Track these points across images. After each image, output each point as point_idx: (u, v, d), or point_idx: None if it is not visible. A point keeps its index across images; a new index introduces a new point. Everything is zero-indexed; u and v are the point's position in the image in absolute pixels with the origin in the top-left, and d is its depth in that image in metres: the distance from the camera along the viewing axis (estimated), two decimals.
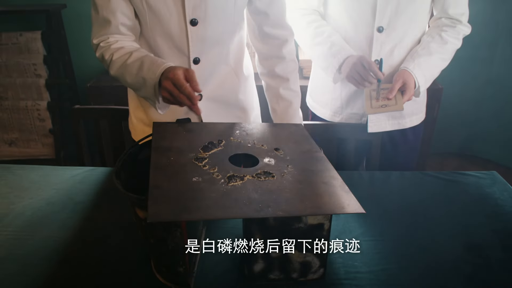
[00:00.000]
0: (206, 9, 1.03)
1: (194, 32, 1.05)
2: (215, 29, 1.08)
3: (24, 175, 1.25)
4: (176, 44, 1.07)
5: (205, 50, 1.09)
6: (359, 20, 1.30)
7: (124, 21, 1.05)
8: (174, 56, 1.09)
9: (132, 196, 0.69)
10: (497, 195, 1.13)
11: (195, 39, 1.06)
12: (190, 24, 1.04)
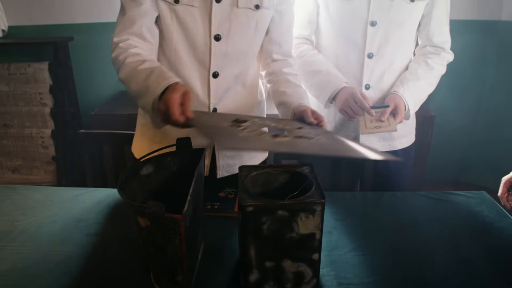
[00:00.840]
0: (230, 27, 1.12)
1: (217, 47, 1.13)
2: (236, 46, 1.15)
3: (29, 195, 1.29)
4: (199, 57, 1.14)
5: (225, 65, 1.16)
6: (350, 47, 1.38)
7: (148, 25, 1.09)
8: (195, 68, 1.16)
9: (135, 204, 0.73)
10: (486, 213, 1.17)
11: (217, 53, 1.14)
12: (214, 39, 1.12)
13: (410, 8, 1.35)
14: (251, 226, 0.80)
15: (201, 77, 1.17)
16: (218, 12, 1.11)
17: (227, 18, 1.12)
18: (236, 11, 1.12)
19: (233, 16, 1.12)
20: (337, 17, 1.38)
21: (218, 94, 1.19)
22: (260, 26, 1.18)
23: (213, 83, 1.17)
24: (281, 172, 0.95)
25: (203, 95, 1.19)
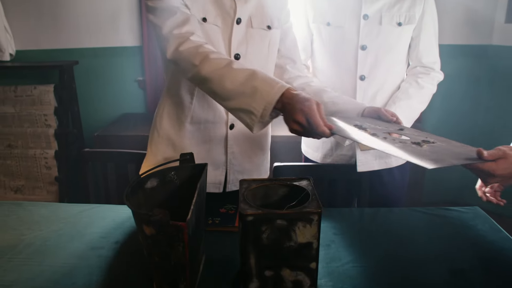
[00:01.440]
0: (247, 47, 1.20)
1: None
2: (253, 64, 1.19)
3: (34, 210, 1.32)
4: None
5: None
6: (343, 71, 1.45)
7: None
8: None
9: (141, 212, 0.77)
10: (479, 227, 1.20)
11: None
12: (234, 57, 1.18)
13: (398, 32, 1.42)
14: (251, 235, 0.83)
15: None
16: (238, 32, 1.18)
17: (244, 38, 1.19)
18: (251, 32, 1.20)
19: (248, 37, 1.20)
20: (330, 43, 1.45)
21: None
22: (272, 45, 1.26)
23: None
24: (280, 185, 0.99)
25: (222, 110, 1.24)
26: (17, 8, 2.71)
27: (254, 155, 1.34)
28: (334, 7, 1.42)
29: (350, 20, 1.41)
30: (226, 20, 1.17)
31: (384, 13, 1.40)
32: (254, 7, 1.20)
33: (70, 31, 2.74)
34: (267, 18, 1.22)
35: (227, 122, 1.25)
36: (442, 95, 2.68)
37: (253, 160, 1.34)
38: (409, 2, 1.42)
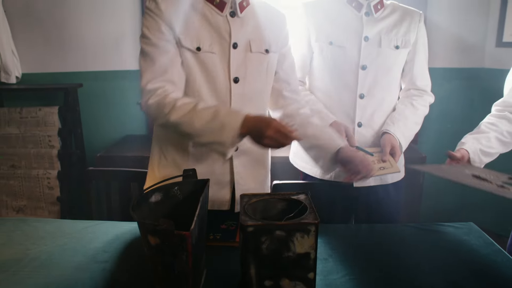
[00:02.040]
0: (246, 70, 1.25)
1: (236, 88, 1.24)
2: (252, 87, 1.26)
3: (39, 226, 1.36)
4: (220, 98, 1.24)
5: (243, 105, 1.25)
6: (343, 89, 1.51)
7: (179, 71, 1.18)
8: None
9: (147, 222, 0.81)
10: (473, 241, 1.24)
11: (236, 94, 1.25)
12: (233, 81, 1.24)
13: (395, 55, 1.50)
14: (252, 246, 0.87)
15: None
16: (236, 57, 1.23)
17: (242, 62, 1.25)
18: (249, 56, 1.25)
19: (247, 60, 1.25)
20: (331, 62, 1.51)
21: None
22: (270, 68, 1.32)
23: None
24: (279, 199, 1.03)
25: None
26: (24, 32, 2.80)
27: (258, 174, 1.39)
28: (337, 28, 1.49)
29: (352, 41, 1.48)
30: (222, 46, 1.22)
31: (383, 36, 1.47)
32: (252, 32, 1.26)
33: (75, 55, 2.82)
34: (265, 42, 1.28)
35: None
36: (437, 116, 2.76)
37: (257, 178, 1.38)
38: (405, 27, 1.50)
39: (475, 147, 1.37)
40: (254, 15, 1.27)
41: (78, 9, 2.77)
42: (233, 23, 1.22)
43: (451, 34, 2.74)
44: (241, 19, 1.24)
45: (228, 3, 1.20)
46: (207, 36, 1.20)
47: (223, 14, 1.21)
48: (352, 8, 1.48)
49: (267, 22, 1.29)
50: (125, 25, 2.79)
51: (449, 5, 2.68)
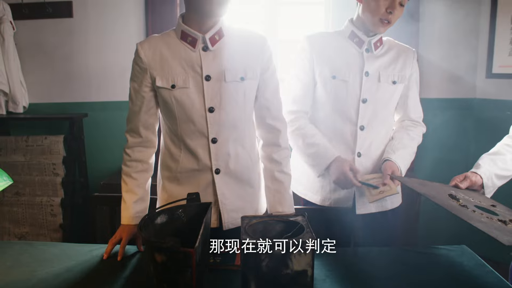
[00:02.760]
0: (221, 99, 1.33)
1: (212, 117, 1.33)
2: (229, 115, 1.34)
3: (46, 249, 1.40)
4: (198, 127, 1.34)
5: (221, 132, 1.35)
6: (345, 120, 1.57)
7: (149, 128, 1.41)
8: (196, 137, 1.35)
9: (154, 240, 0.86)
10: (466, 263, 1.28)
11: (213, 122, 1.34)
12: (209, 111, 1.32)
13: (392, 89, 1.58)
14: (252, 264, 0.92)
15: (202, 144, 1.36)
16: (209, 88, 1.32)
17: (217, 92, 1.33)
18: (224, 85, 1.34)
19: (222, 90, 1.33)
20: (334, 95, 1.57)
21: (219, 157, 1.37)
22: (248, 94, 1.38)
23: (213, 147, 1.36)
24: (278, 221, 1.09)
25: (204, 159, 1.37)
26: (33, 64, 2.91)
27: (245, 193, 1.45)
28: (340, 62, 1.56)
29: (354, 75, 1.55)
30: (196, 79, 1.32)
31: (381, 72, 1.56)
32: (226, 62, 1.34)
33: (81, 86, 2.93)
34: (240, 70, 1.35)
35: (212, 168, 1.38)
36: (433, 145, 2.84)
37: (244, 197, 1.44)
38: (401, 64, 1.59)
39: (490, 171, 1.39)
40: (228, 46, 1.35)
41: (84, 43, 2.90)
42: (205, 57, 1.32)
43: (443, 66, 2.85)
44: (213, 52, 1.33)
45: (199, 39, 1.30)
46: (181, 72, 1.32)
47: (195, 50, 1.32)
48: (354, 44, 1.56)
49: (243, 50, 1.36)
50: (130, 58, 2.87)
51: (440, 39, 2.81)
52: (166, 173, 1.44)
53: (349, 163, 1.51)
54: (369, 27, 1.51)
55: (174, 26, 1.37)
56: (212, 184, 1.39)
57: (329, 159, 1.52)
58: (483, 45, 2.79)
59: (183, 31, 1.31)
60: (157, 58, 1.32)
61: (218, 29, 1.32)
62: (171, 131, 1.40)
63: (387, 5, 1.43)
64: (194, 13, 1.29)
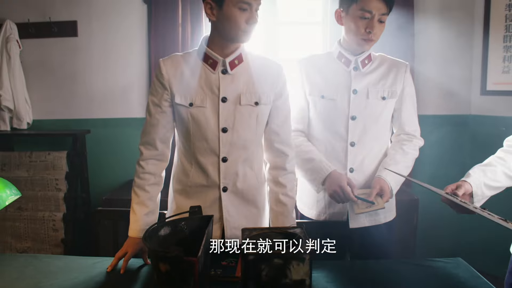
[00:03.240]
0: (235, 121, 1.39)
1: (225, 137, 1.39)
2: (240, 137, 1.41)
3: (50, 262, 1.43)
4: (210, 146, 1.40)
5: (232, 152, 1.41)
6: (336, 138, 1.62)
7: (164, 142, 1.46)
8: (208, 154, 1.41)
9: (159, 250, 0.90)
10: (461, 275, 1.31)
11: (225, 142, 1.40)
12: (222, 131, 1.39)
13: (382, 105, 1.63)
14: (252, 273, 0.96)
15: (213, 162, 1.42)
16: (224, 109, 1.39)
17: (232, 114, 1.40)
18: (239, 108, 1.40)
19: (236, 112, 1.40)
20: (324, 114, 1.63)
21: (228, 176, 1.43)
22: (260, 118, 1.45)
23: (223, 166, 1.42)
24: (277, 233, 1.13)
25: (213, 176, 1.43)
26: (37, 82, 2.98)
27: (249, 213, 1.49)
28: (328, 82, 1.62)
29: (342, 94, 1.61)
30: (213, 100, 1.39)
31: (370, 89, 1.61)
32: (242, 86, 1.41)
33: (84, 103, 2.99)
34: (255, 95, 1.42)
35: (220, 186, 1.43)
36: (429, 161, 2.88)
37: (248, 217, 1.48)
38: (392, 79, 1.64)
39: (479, 180, 1.43)
40: (246, 71, 1.42)
41: (88, 62, 2.98)
42: (223, 79, 1.39)
43: (439, 83, 2.92)
44: (231, 75, 1.40)
45: (219, 62, 1.38)
46: (200, 92, 1.38)
47: (215, 72, 1.39)
48: (341, 64, 1.62)
49: (260, 76, 1.43)
50: (133, 75, 2.98)
51: (435, 57, 2.89)
52: (177, 185, 1.49)
53: (346, 178, 1.55)
54: (354, 46, 1.57)
55: (176, 47, 1.45)
56: (218, 200, 1.44)
57: (325, 174, 1.56)
58: (477, 62, 2.86)
59: (206, 53, 1.39)
60: (178, 76, 1.39)
61: (238, 54, 1.40)
62: (184, 147, 1.46)
63: (365, 25, 1.50)
64: (219, 38, 1.37)
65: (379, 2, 1.48)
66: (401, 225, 2.41)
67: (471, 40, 2.88)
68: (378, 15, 1.49)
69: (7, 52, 2.80)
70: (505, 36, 2.69)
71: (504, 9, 2.68)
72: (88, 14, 2.94)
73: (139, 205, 1.43)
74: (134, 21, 2.94)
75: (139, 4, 2.92)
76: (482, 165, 1.46)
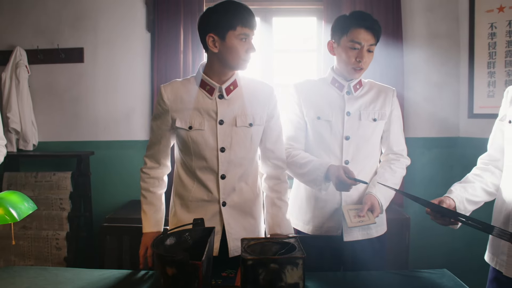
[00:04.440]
0: (232, 141, 1.53)
1: (223, 156, 1.52)
2: (237, 155, 1.54)
3: (59, 274, 1.51)
4: (209, 164, 1.53)
5: (230, 169, 1.54)
6: (331, 156, 1.73)
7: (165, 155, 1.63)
8: (208, 172, 1.54)
9: (166, 255, 1.00)
10: (445, 284, 1.40)
11: (223, 161, 1.53)
12: (220, 150, 1.51)
13: (373, 126, 1.75)
14: (251, 277, 1.05)
15: (212, 178, 1.55)
16: (222, 131, 1.53)
17: (229, 135, 1.53)
18: (235, 129, 1.54)
19: (233, 133, 1.54)
20: (320, 134, 1.75)
21: (226, 191, 1.56)
22: (254, 138, 1.58)
23: (222, 183, 1.55)
24: (274, 243, 1.22)
25: (214, 192, 1.55)
26: (44, 106, 3.11)
27: (248, 224, 1.61)
28: (324, 105, 1.75)
29: (336, 115, 1.73)
30: (210, 123, 1.53)
31: (362, 111, 1.74)
32: (237, 109, 1.55)
33: (88, 126, 3.11)
34: (250, 117, 1.56)
35: (219, 200, 1.56)
36: (420, 181, 3.00)
37: (247, 228, 1.60)
38: (380, 103, 1.77)
39: (461, 196, 1.52)
40: (240, 95, 1.56)
41: (93, 87, 3.12)
42: (220, 104, 1.53)
43: (428, 107, 3.07)
44: (227, 100, 1.54)
45: (216, 88, 1.52)
46: (198, 116, 1.52)
47: (212, 97, 1.53)
48: (335, 88, 1.76)
49: (253, 99, 1.58)
50: (135, 100, 3.11)
51: (424, 83, 3.04)
52: (178, 200, 1.61)
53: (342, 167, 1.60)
54: (345, 74, 1.71)
55: (177, 73, 1.60)
56: (219, 214, 1.56)
57: (325, 167, 1.62)
58: (464, 87, 3.02)
59: (203, 80, 1.53)
60: (178, 101, 1.53)
61: (233, 81, 1.55)
62: (186, 165, 1.58)
63: (356, 55, 1.64)
64: (219, 66, 1.51)
65: (367, 34, 1.62)
66: (394, 241, 2.50)
67: (457, 66, 3.04)
68: (367, 45, 1.63)
69: (16, 77, 2.94)
70: (489, 63, 2.85)
71: (487, 38, 2.85)
72: (94, 41, 3.10)
73: (148, 205, 1.63)
74: (138, 48, 3.10)
75: (143, 32, 3.09)
76: (462, 182, 1.57)
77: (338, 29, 1.67)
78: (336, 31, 1.69)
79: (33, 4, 3.08)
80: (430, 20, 3.04)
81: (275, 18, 3.14)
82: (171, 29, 2.95)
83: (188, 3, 2.94)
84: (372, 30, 1.62)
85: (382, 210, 1.70)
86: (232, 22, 1.42)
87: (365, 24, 1.62)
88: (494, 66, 2.84)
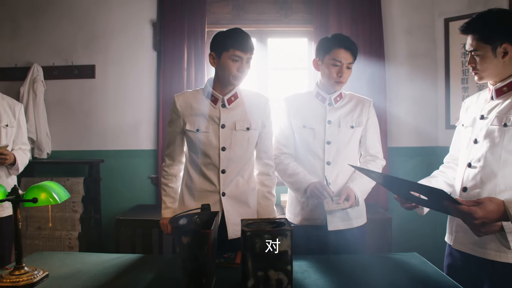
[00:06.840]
0: (231, 142, 1.82)
1: (224, 154, 1.82)
2: (236, 153, 1.84)
3: (84, 256, 1.76)
4: (212, 161, 1.82)
5: (229, 165, 1.83)
6: (315, 158, 2.01)
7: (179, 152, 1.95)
8: (211, 168, 1.83)
9: (182, 226, 1.26)
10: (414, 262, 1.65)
11: (224, 158, 1.82)
12: (221, 149, 1.80)
13: (351, 132, 2.03)
14: (249, 246, 1.30)
15: (214, 173, 1.84)
16: (223, 133, 1.82)
17: (229, 136, 1.82)
18: (234, 132, 1.83)
19: (233, 136, 1.83)
20: (305, 139, 2.03)
21: (226, 184, 1.84)
22: (251, 140, 1.88)
23: (222, 176, 1.83)
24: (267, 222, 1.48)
25: (216, 184, 1.84)
26: (58, 117, 3.39)
27: (244, 211, 1.89)
28: (308, 115, 2.04)
29: (319, 124, 2.02)
30: (214, 127, 1.83)
31: (341, 120, 2.02)
32: (237, 116, 1.85)
33: (98, 136, 3.39)
34: (247, 122, 1.86)
35: (220, 191, 1.84)
36: None
37: (243, 214, 1.87)
38: (358, 112, 2.05)
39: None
40: (240, 104, 1.87)
41: (103, 100, 3.41)
42: (223, 111, 1.84)
43: (410, 120, 3.37)
44: (229, 109, 1.85)
45: (219, 99, 1.84)
46: (204, 121, 1.83)
47: (216, 106, 1.84)
48: (318, 101, 2.05)
49: (251, 107, 1.88)
50: (142, 113, 3.40)
51: (405, 98, 3.35)
52: (186, 190, 1.90)
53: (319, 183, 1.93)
54: (328, 87, 2.00)
55: (181, 88, 1.91)
56: (219, 203, 1.84)
57: (306, 184, 1.94)
58: (441, 101, 3.32)
59: (209, 92, 1.84)
60: (188, 108, 1.83)
61: (234, 93, 1.86)
62: (193, 161, 1.87)
63: (337, 71, 1.94)
64: (221, 81, 1.83)
65: (346, 53, 1.92)
66: (378, 239, 2.76)
67: (435, 82, 3.36)
68: (346, 63, 1.93)
69: (33, 91, 3.22)
70: (463, 79, 3.17)
71: (460, 57, 3.17)
72: (105, 59, 3.41)
73: (167, 197, 1.91)
74: (145, 65, 3.41)
75: (150, 51, 3.40)
76: (428, 177, 1.85)
77: (322, 49, 1.98)
78: (320, 50, 1.99)
79: (50, 26, 3.40)
80: (409, 41, 3.36)
81: (270, 39, 3.47)
82: (176, 48, 3.25)
83: (192, 25, 3.25)
84: (351, 50, 1.92)
85: (358, 203, 1.96)
86: (227, 45, 1.74)
87: (345, 45, 1.92)
88: (467, 82, 3.15)
